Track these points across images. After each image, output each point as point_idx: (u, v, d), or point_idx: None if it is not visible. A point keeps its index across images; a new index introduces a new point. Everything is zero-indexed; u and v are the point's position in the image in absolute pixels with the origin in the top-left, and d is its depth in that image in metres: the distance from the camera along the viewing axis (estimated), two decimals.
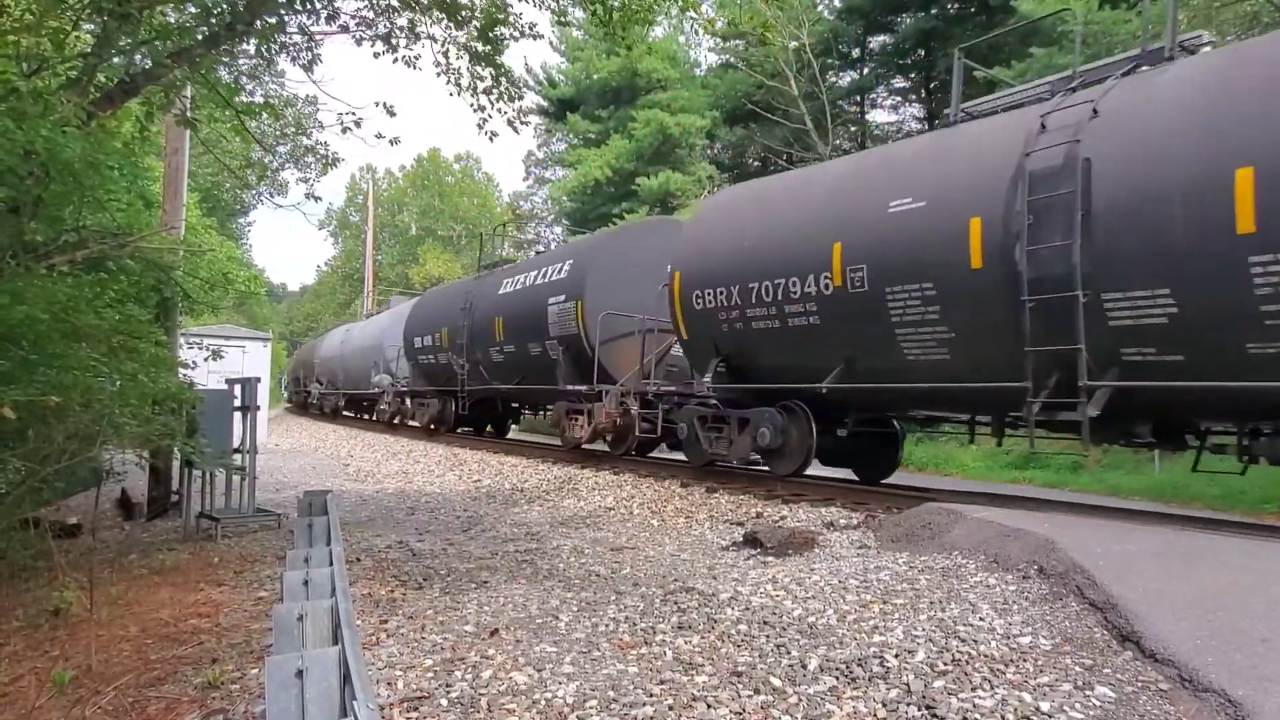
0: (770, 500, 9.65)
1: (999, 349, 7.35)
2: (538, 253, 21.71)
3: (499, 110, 8.54)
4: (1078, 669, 3.74)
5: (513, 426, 23.96)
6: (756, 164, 38.76)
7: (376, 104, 7.87)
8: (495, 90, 8.37)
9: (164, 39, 6.67)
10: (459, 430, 21.28)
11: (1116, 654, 3.87)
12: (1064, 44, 21.00)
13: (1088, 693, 3.50)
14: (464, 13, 7.72)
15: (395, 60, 8.02)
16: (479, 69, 8.24)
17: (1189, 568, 4.85)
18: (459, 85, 8.30)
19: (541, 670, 4.23)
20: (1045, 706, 3.40)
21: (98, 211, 7.50)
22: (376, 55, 8.03)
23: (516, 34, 8.15)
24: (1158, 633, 3.88)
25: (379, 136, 8.30)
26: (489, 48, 8.05)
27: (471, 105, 8.46)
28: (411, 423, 23.12)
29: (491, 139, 9.02)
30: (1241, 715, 3.21)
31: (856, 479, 11.41)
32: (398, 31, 7.90)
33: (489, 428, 21.86)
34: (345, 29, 7.64)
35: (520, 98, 8.79)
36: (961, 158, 7.92)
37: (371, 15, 7.72)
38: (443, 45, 8.11)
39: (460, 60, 8.15)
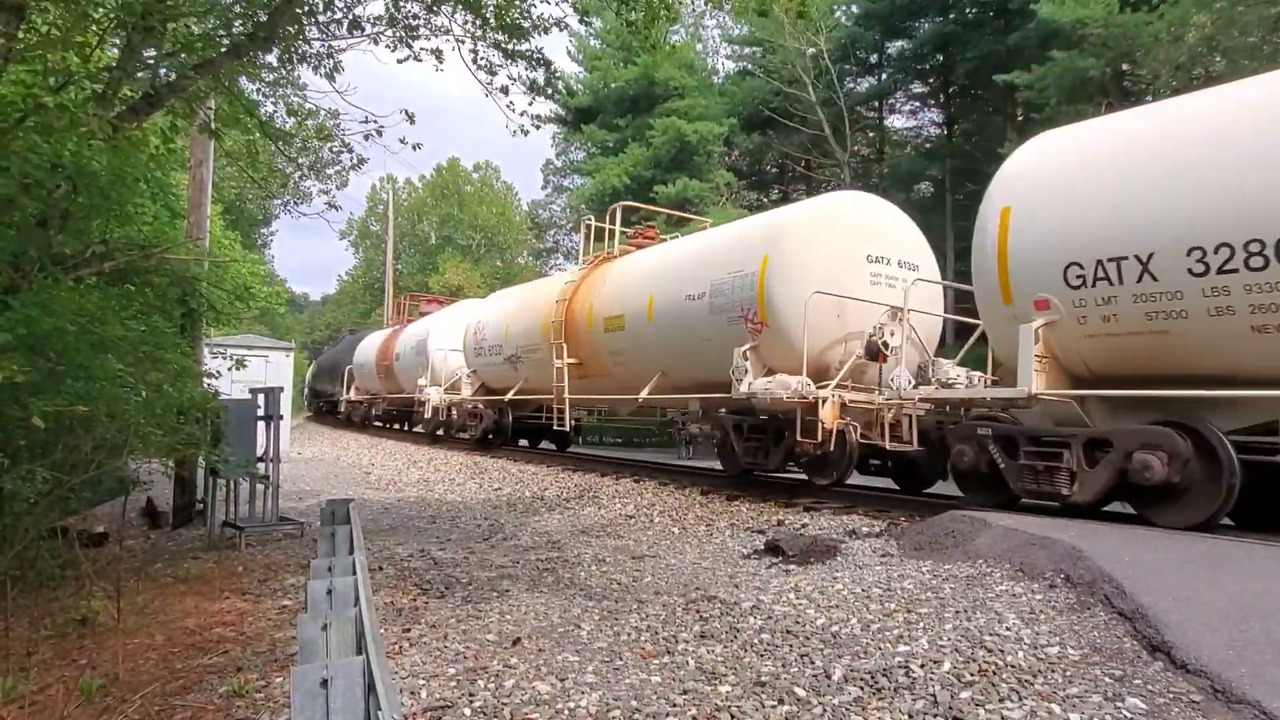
0: (791, 508, 9.60)
1: None
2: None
3: (533, 100, 8.54)
4: (1107, 680, 3.69)
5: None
6: (774, 170, 38.76)
7: (400, 111, 7.90)
8: (532, 93, 8.40)
9: (188, 51, 6.73)
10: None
11: (1147, 665, 3.81)
12: (1084, 47, 20.85)
13: (1118, 704, 3.45)
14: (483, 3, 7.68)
15: (410, 58, 7.99)
16: (511, 69, 8.25)
17: (1220, 576, 4.77)
18: (490, 87, 8.27)
19: (564, 680, 4.23)
20: (1075, 718, 3.36)
21: (124, 224, 7.58)
22: (400, 61, 8.05)
23: (541, 25, 8.11)
24: (1189, 643, 3.82)
25: (403, 142, 8.26)
26: (512, 40, 8.02)
27: (508, 106, 8.44)
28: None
29: (526, 134, 8.96)
30: None
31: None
32: (418, 33, 7.88)
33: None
34: (367, 34, 7.65)
35: (552, 87, 8.80)
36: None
37: (393, 17, 7.71)
38: (471, 42, 8.08)
39: (488, 51, 8.11)
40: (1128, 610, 4.33)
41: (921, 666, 3.99)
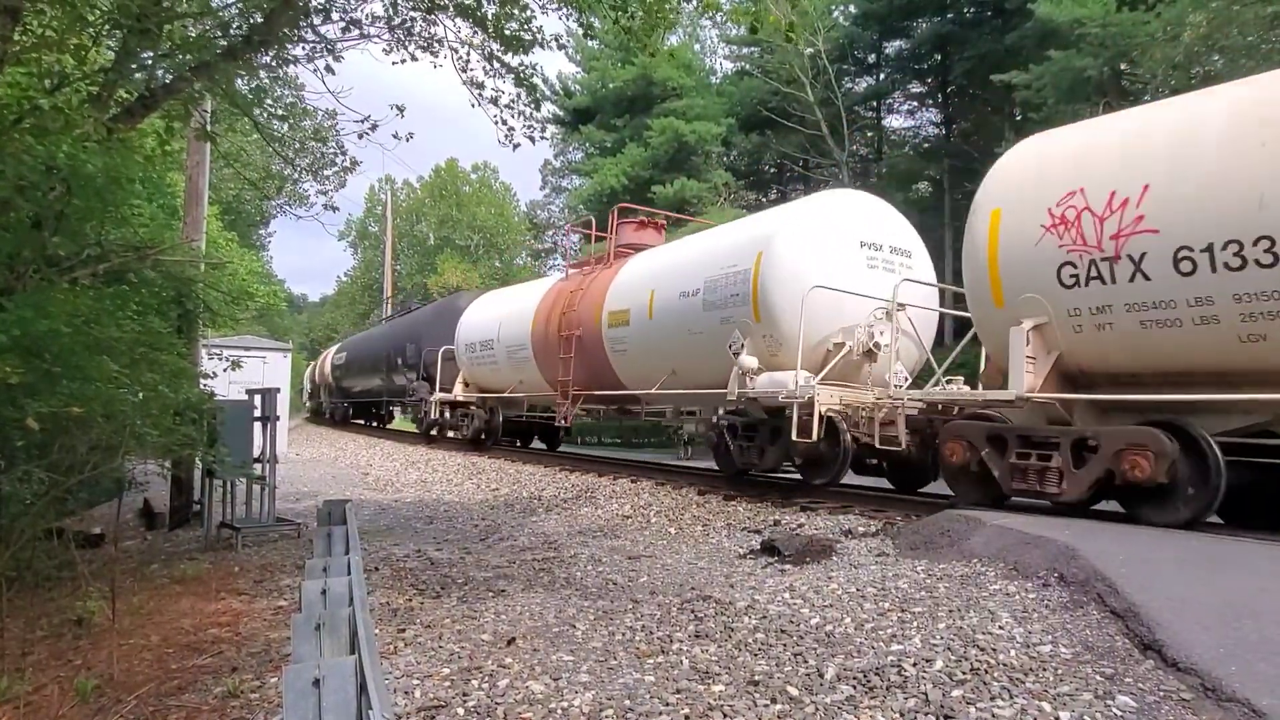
0: (788, 508, 9.61)
1: None
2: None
3: (520, 114, 8.49)
4: (1098, 678, 3.70)
5: None
6: (772, 170, 38.78)
7: (391, 107, 7.90)
8: (514, 107, 8.36)
9: (184, 53, 6.74)
10: None
11: (1138, 663, 3.81)
12: (1081, 47, 20.86)
13: (1108, 702, 3.46)
14: (481, 12, 7.66)
15: (406, 59, 7.98)
16: (499, 82, 8.22)
17: (1214, 575, 4.78)
18: (480, 98, 8.25)
19: (558, 679, 4.23)
20: (1065, 716, 3.36)
21: (120, 225, 7.59)
22: (394, 64, 8.05)
23: (539, 39, 8.08)
24: (1181, 641, 3.83)
25: (396, 136, 8.26)
26: (507, 52, 8.00)
27: (494, 119, 8.41)
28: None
29: (515, 148, 8.95)
30: None
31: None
32: (416, 36, 7.87)
33: None
34: (365, 35, 7.64)
35: (538, 109, 8.77)
36: None
37: (390, 19, 7.70)
38: (463, 51, 8.07)
39: (479, 65, 8.10)
40: (1120, 609, 4.33)
41: (914, 665, 3.99)
